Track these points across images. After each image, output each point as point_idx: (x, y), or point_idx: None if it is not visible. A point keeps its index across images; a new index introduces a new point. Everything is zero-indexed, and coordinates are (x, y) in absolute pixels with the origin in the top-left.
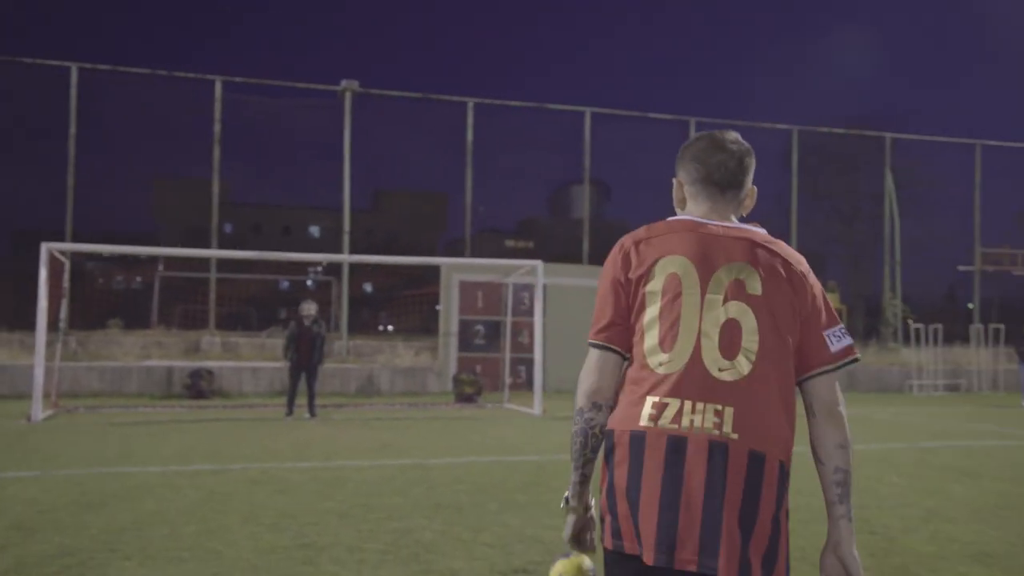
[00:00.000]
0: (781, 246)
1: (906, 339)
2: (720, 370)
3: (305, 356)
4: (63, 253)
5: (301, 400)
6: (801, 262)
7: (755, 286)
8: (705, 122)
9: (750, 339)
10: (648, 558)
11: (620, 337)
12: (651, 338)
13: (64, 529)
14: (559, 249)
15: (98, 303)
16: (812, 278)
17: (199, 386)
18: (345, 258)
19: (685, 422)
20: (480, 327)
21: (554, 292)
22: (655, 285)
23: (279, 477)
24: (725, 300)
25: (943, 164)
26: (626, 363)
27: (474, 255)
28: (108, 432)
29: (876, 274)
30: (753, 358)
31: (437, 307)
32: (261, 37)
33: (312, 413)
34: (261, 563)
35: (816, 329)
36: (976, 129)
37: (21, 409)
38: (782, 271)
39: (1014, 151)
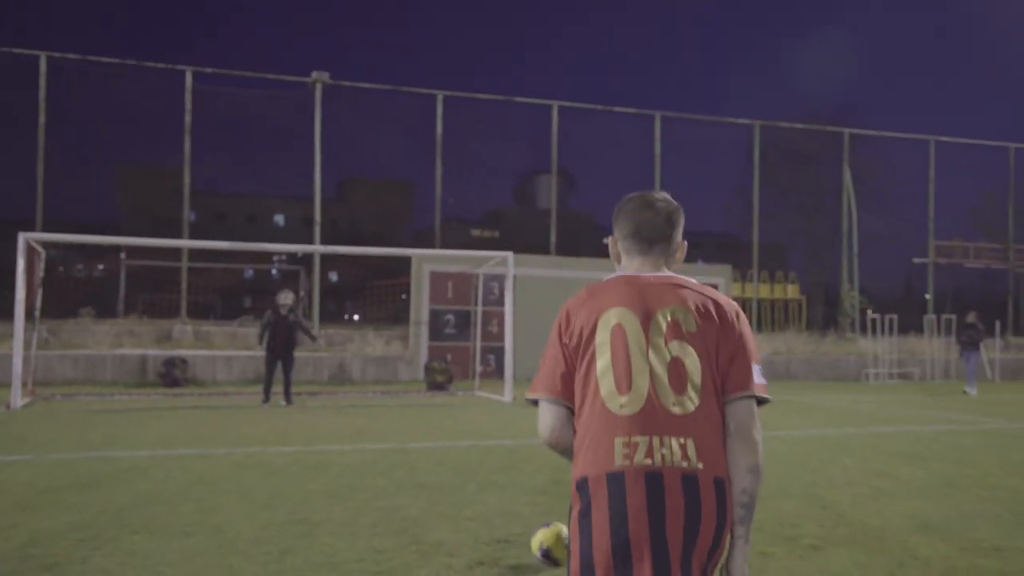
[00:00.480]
0: (710, 291)
1: (863, 329)
2: (673, 405)
3: (281, 345)
4: (39, 243)
5: (277, 388)
6: (730, 305)
7: (690, 324)
8: (670, 116)
9: (694, 373)
10: None
11: (569, 392)
12: (606, 384)
13: (68, 508)
14: (526, 239)
15: (68, 292)
16: (742, 319)
17: (173, 374)
18: (318, 248)
19: (657, 457)
20: (450, 316)
21: (523, 282)
22: (603, 337)
23: (264, 461)
24: (667, 341)
25: (899, 159)
26: (573, 416)
27: (442, 245)
28: (89, 419)
29: (835, 266)
30: (699, 390)
31: (403, 296)
32: (232, 28)
33: (288, 400)
34: (262, 536)
35: (744, 359)
36: (933, 125)
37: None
38: (712, 310)
39: (967, 147)
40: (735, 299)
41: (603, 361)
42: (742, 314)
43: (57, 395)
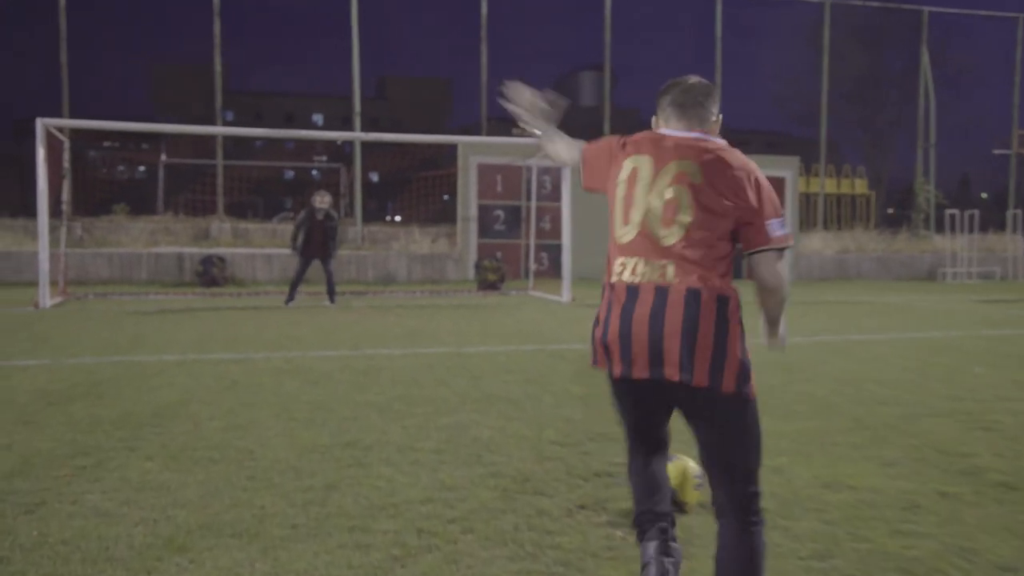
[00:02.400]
0: (729, 153)
1: (939, 226)
2: (662, 236)
3: (316, 246)
4: (61, 131)
5: (313, 288)
6: (745, 165)
7: (696, 177)
8: None
9: (685, 214)
10: (616, 373)
11: (590, 165)
12: (617, 216)
13: (76, 423)
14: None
15: (101, 190)
16: (756, 179)
17: (211, 273)
18: (359, 136)
19: (638, 274)
20: (500, 212)
21: (576, 175)
22: (622, 176)
23: (306, 367)
24: (669, 184)
25: (981, 40)
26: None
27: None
28: (120, 320)
29: (899, 159)
30: (686, 227)
31: (445, 197)
32: None
33: (332, 299)
34: (302, 465)
35: (759, 218)
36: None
37: (28, 296)
38: (723, 169)
39: None
40: (801, 194)
41: (618, 196)
42: (758, 177)
43: (90, 294)
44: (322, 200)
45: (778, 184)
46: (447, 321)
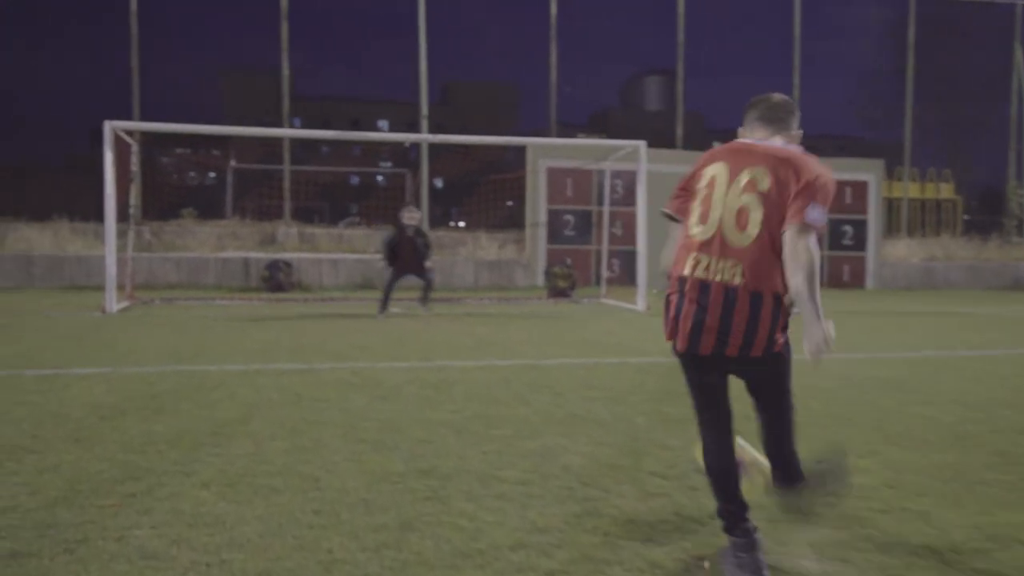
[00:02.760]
0: (800, 159)
1: None
2: (733, 239)
3: (406, 262)
4: (131, 135)
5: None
6: (811, 170)
7: (764, 184)
8: None
9: (754, 220)
10: (681, 347)
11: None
12: (695, 216)
13: (129, 443)
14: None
15: (171, 194)
16: (814, 176)
17: (278, 278)
18: (425, 137)
19: (711, 272)
20: (569, 217)
21: (650, 179)
22: (702, 183)
23: (375, 379)
24: (742, 193)
25: None
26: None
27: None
28: (185, 325)
29: (987, 162)
30: (755, 233)
31: (509, 203)
32: None
33: (424, 305)
34: (373, 497)
35: (801, 202)
36: None
37: (97, 300)
38: (791, 174)
39: None
40: (885, 199)
41: (697, 200)
42: (819, 174)
43: (156, 300)
44: (411, 216)
45: (861, 188)
46: (519, 330)
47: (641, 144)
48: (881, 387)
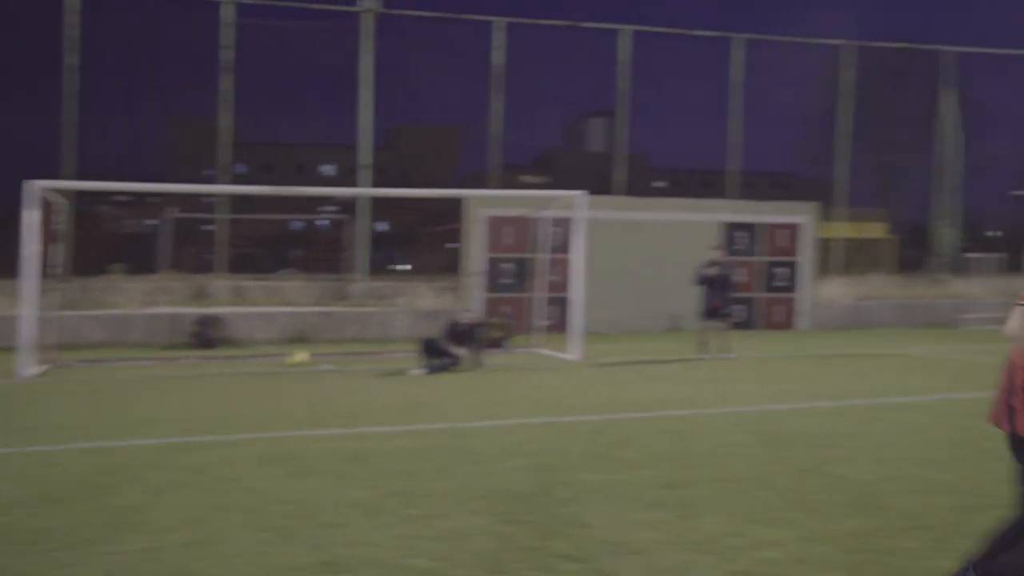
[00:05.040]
0: None
1: (959, 269)
2: None
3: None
4: (58, 193)
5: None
6: None
7: None
8: (755, 39)
9: None
10: None
11: None
12: None
13: (15, 542)
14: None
15: (103, 247)
16: None
17: (207, 334)
18: (363, 192)
19: None
20: (508, 265)
21: (593, 226)
22: None
23: (292, 452)
24: None
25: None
26: None
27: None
28: (100, 392)
29: (916, 202)
30: None
31: (446, 245)
32: None
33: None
34: None
35: None
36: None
37: (11, 365)
38: None
39: None
40: (821, 239)
41: None
42: None
43: (74, 361)
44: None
45: (795, 230)
46: (450, 387)
47: (579, 194)
48: (804, 443)
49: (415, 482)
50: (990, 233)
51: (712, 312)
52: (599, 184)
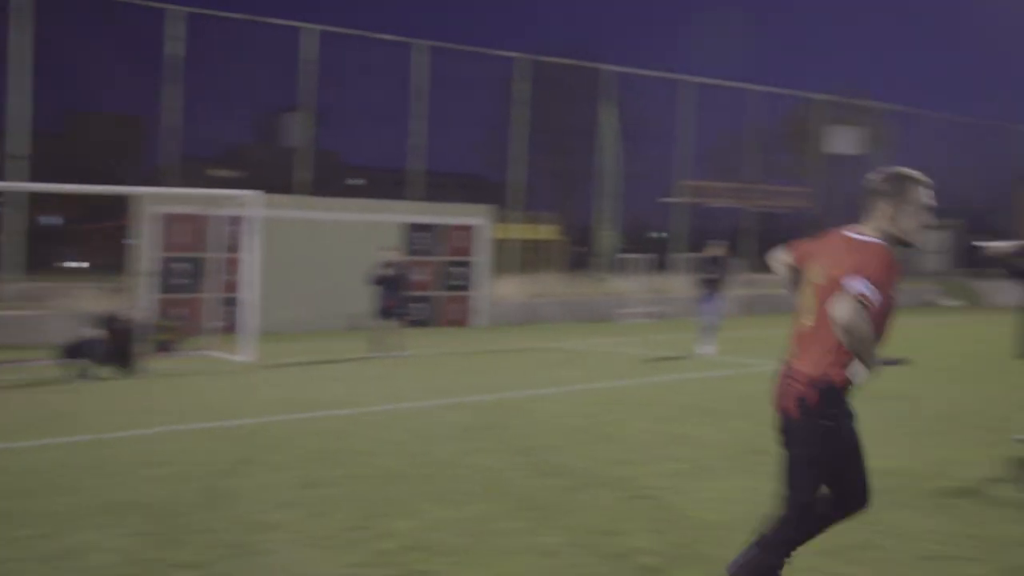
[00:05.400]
0: (858, 246)
1: (616, 269)
2: (803, 323)
3: None
4: None
5: None
6: (865, 254)
7: (820, 278)
8: (437, 47)
9: (811, 309)
10: None
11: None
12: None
13: None
14: (271, 179)
15: None
16: (862, 253)
17: None
18: (10, 186)
19: (789, 354)
20: (183, 264)
21: (269, 225)
22: (804, 280)
23: None
24: (812, 288)
25: (652, 98)
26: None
27: (179, 185)
28: None
29: (587, 206)
30: (813, 319)
31: (123, 241)
32: None
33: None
34: None
35: (844, 275)
36: (686, 65)
37: None
38: (843, 261)
39: (711, 88)
40: (496, 240)
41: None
42: (868, 251)
43: None
44: None
45: (468, 233)
46: (101, 396)
47: (253, 193)
48: (451, 437)
49: (32, 501)
50: (655, 235)
51: (387, 311)
52: (291, 178)
